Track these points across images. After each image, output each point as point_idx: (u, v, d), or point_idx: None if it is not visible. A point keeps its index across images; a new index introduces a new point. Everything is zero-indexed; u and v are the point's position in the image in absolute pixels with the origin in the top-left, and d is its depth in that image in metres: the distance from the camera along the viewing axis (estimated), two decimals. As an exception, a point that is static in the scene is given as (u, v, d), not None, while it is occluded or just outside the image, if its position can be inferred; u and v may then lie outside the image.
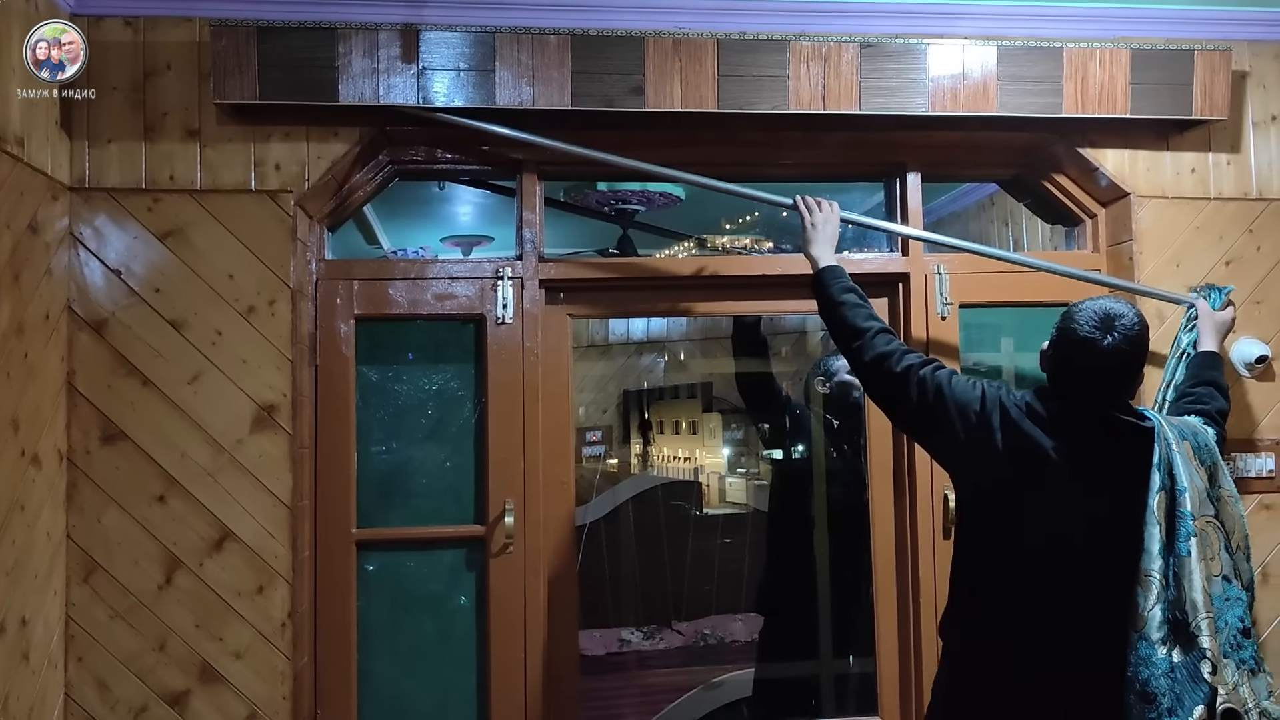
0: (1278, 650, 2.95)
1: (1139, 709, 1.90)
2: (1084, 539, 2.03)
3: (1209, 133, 3.01)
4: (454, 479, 2.91)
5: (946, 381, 2.16)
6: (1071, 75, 2.81)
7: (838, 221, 2.61)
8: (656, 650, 5.50)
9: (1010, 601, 2.08)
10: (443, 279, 2.87)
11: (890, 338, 2.30)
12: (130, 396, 2.60)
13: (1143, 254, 2.96)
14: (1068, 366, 2.06)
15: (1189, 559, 1.94)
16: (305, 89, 2.59)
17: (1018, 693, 2.06)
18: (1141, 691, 1.90)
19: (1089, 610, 2.02)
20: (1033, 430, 2.05)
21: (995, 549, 2.12)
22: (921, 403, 2.17)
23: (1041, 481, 2.04)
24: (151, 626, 2.59)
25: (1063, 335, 2.05)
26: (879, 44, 2.75)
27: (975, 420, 2.10)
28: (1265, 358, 2.92)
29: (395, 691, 2.86)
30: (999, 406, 2.09)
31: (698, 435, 7.71)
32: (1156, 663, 1.89)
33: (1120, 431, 2.02)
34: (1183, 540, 1.95)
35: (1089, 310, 2.03)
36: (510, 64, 2.64)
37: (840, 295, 2.39)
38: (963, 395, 2.14)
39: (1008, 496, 2.08)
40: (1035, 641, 2.05)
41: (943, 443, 2.21)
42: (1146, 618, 1.92)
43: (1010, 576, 2.09)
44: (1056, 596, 2.04)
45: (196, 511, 2.61)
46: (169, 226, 2.64)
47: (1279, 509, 2.97)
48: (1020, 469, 2.06)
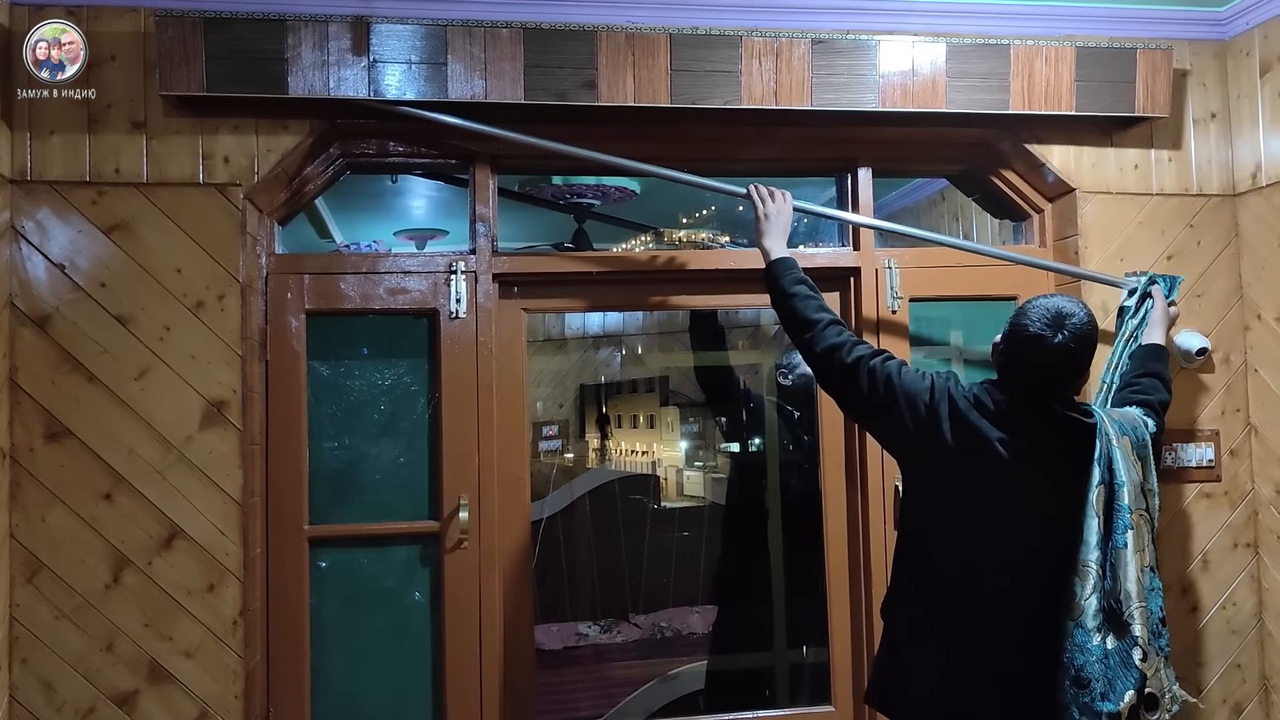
0: (1220, 632, 3.03)
1: (1073, 693, 1.96)
2: (1027, 530, 2.07)
3: (1151, 129, 3.08)
4: (408, 475, 2.89)
5: (896, 372, 2.19)
6: (1018, 72, 2.85)
7: (790, 212, 2.63)
8: (614, 643, 5.51)
9: (954, 591, 2.12)
10: (395, 273, 2.86)
11: (841, 329, 2.33)
12: (75, 393, 2.56)
13: (1088, 248, 3.02)
14: (1017, 361, 2.09)
15: (1125, 550, 2.00)
16: (254, 81, 2.55)
17: (958, 680, 2.10)
18: (1076, 676, 1.96)
19: (1031, 600, 2.06)
20: (979, 422, 2.09)
21: (940, 538, 2.15)
22: (871, 393, 2.20)
23: (986, 473, 2.08)
24: (99, 626, 2.56)
25: (1014, 331, 2.09)
26: (830, 40, 2.78)
27: (924, 410, 2.14)
28: (1205, 350, 3.00)
29: (349, 689, 2.84)
30: (947, 398, 2.13)
31: (655, 429, 7.74)
32: (1091, 649, 1.96)
33: (1064, 426, 2.07)
34: (1120, 532, 2.01)
35: (1041, 308, 2.07)
36: (462, 57, 2.63)
37: (792, 287, 2.41)
38: (912, 386, 2.17)
39: (953, 486, 2.12)
40: (977, 630, 2.09)
41: (892, 432, 2.24)
42: (1083, 606, 1.99)
43: (954, 566, 2.12)
44: (999, 587, 2.08)
45: (145, 509, 2.58)
46: (115, 220, 2.59)
47: (1218, 497, 3.05)
48: (966, 460, 2.09)
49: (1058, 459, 2.07)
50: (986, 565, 2.08)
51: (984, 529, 2.09)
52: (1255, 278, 3.04)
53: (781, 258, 2.50)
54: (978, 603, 2.09)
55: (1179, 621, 3.01)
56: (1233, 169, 3.10)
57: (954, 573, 2.12)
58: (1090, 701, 1.95)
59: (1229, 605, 3.04)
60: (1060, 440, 2.07)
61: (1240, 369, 3.07)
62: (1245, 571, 3.06)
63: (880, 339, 3.00)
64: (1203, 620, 3.03)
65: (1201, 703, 3.01)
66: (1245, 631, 3.05)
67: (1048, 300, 2.09)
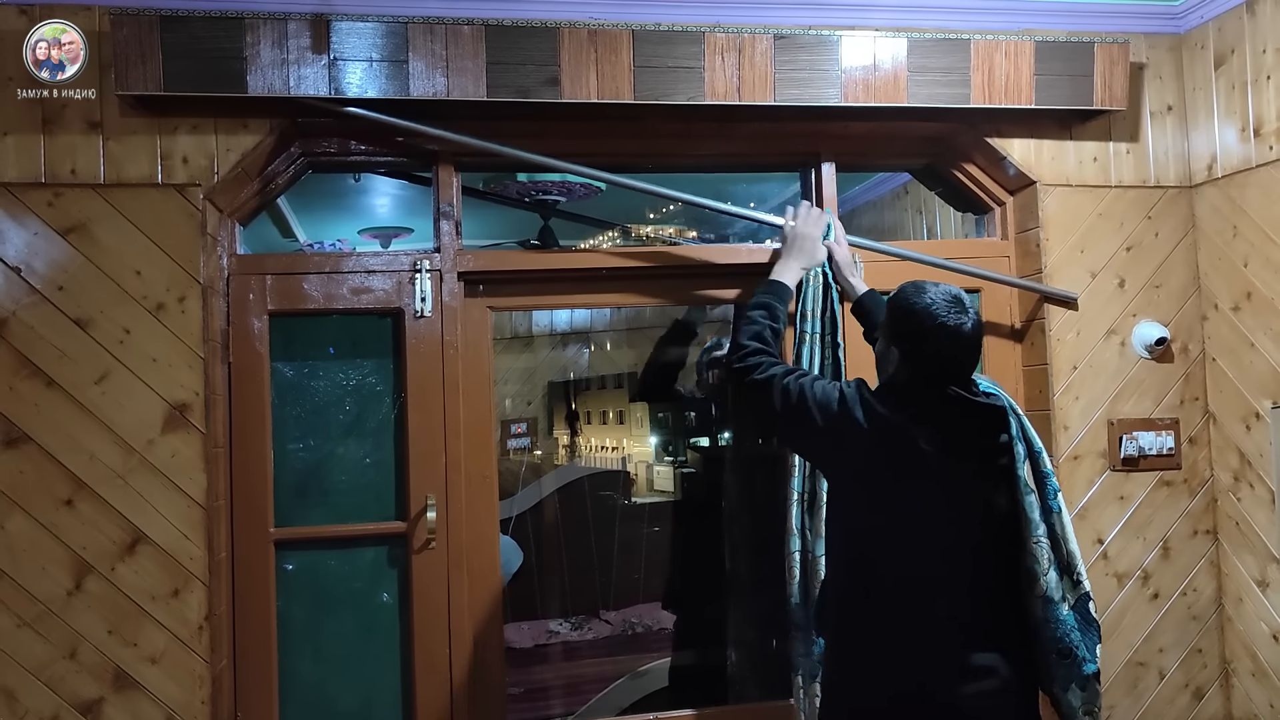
0: (1181, 618, 3.08)
1: (1062, 666, 2.02)
2: (958, 521, 2.07)
3: (1109, 122, 3.11)
4: (374, 475, 2.87)
5: (809, 385, 2.20)
6: (979, 67, 2.88)
7: (816, 242, 2.73)
8: (585, 640, 5.51)
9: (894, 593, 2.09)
10: (359, 272, 2.84)
11: (761, 353, 2.35)
12: (34, 398, 2.52)
13: (1049, 240, 3.06)
14: (933, 353, 2.04)
15: (1061, 513, 2.12)
16: (212, 80, 2.52)
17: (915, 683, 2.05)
18: (1058, 649, 2.02)
19: (974, 590, 2.06)
20: (897, 419, 2.06)
21: (870, 543, 2.12)
22: (785, 406, 2.21)
23: (907, 470, 2.06)
24: (61, 634, 2.52)
25: (923, 323, 2.03)
26: (792, 35, 2.79)
27: (835, 415, 2.12)
28: (1164, 339, 3.04)
29: (318, 691, 2.82)
30: (859, 401, 2.10)
31: (625, 425, 7.73)
32: (1065, 619, 2.05)
33: (975, 411, 2.07)
34: (1052, 497, 2.12)
35: (940, 296, 2.04)
36: (424, 54, 2.61)
37: (749, 310, 2.49)
38: (823, 395, 2.16)
39: (874, 489, 2.11)
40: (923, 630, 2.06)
41: (808, 441, 2.27)
42: (1045, 581, 2.05)
43: (888, 570, 2.09)
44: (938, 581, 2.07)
45: (107, 515, 2.54)
46: (71, 222, 2.55)
47: (1178, 485, 3.10)
48: (885, 460, 2.08)
49: (975, 445, 2.08)
50: (926, 560, 2.07)
51: (914, 527, 2.07)
52: (1211, 268, 3.09)
53: (770, 280, 2.61)
54: (919, 602, 2.06)
55: (1140, 608, 3.06)
56: (1189, 160, 3.15)
57: (897, 572, 2.09)
58: (1077, 670, 2.03)
59: (1189, 591, 3.09)
60: (974, 425, 2.08)
61: (1199, 358, 3.12)
62: (1205, 558, 3.11)
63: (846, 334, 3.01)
64: (1164, 607, 3.08)
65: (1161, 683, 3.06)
66: (1205, 617, 3.10)
67: (938, 287, 2.06)
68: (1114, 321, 3.08)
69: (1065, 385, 3.03)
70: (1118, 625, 3.03)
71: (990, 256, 3.18)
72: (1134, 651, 3.05)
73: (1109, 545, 3.04)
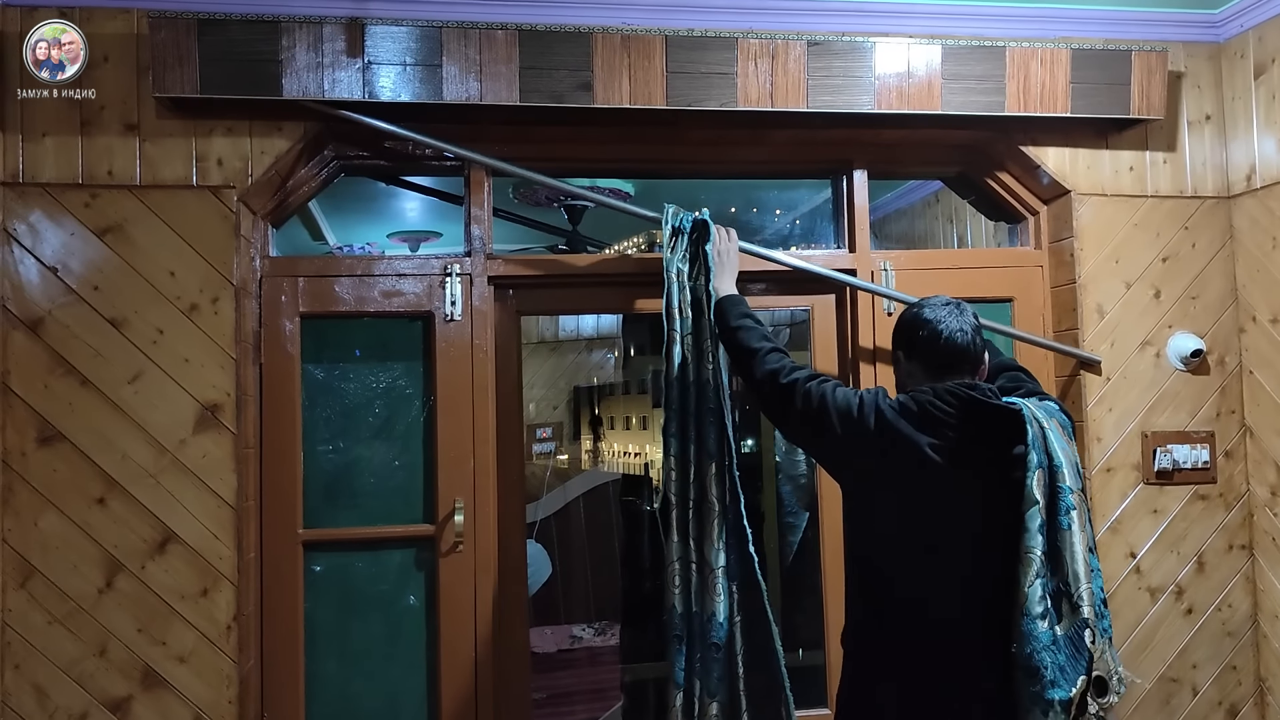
0: (1215, 634, 3.03)
1: (1024, 684, 1.92)
2: (969, 533, 2.04)
3: (1146, 132, 3.08)
4: (403, 478, 2.88)
5: (831, 391, 2.20)
6: (1014, 74, 2.85)
7: (737, 252, 2.68)
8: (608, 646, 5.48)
9: (911, 608, 2.07)
10: (390, 276, 2.84)
11: (781, 356, 2.36)
12: (68, 397, 2.54)
13: (1083, 250, 3.02)
14: (935, 358, 2.11)
15: (1070, 532, 1.97)
16: (248, 83, 2.54)
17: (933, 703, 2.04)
18: (1025, 666, 1.92)
19: (988, 605, 2.02)
20: (906, 429, 2.06)
21: (887, 556, 2.11)
22: (805, 410, 2.21)
23: (921, 478, 2.04)
24: (92, 631, 2.54)
25: (924, 330, 2.12)
26: (826, 42, 2.78)
27: (854, 422, 2.12)
28: (1200, 351, 3.00)
29: (344, 693, 2.83)
30: (875, 409, 2.11)
31: (648, 430, 7.72)
32: (1039, 636, 1.92)
33: (991, 416, 2.04)
34: (1063, 514, 1.98)
35: (937, 304, 2.15)
36: (457, 59, 2.62)
37: (736, 320, 2.47)
38: (843, 401, 2.17)
39: (891, 498, 2.10)
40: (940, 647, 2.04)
41: (826, 446, 2.24)
42: (1027, 594, 1.94)
43: (907, 583, 2.08)
44: (955, 597, 2.04)
45: (138, 513, 2.56)
46: (108, 223, 2.58)
47: (1213, 499, 3.05)
48: (900, 467, 2.07)
49: (989, 452, 2.04)
50: (938, 577, 2.05)
51: (927, 538, 2.05)
52: (1250, 280, 3.04)
53: (729, 295, 2.56)
54: (936, 618, 2.04)
55: (1174, 623, 3.01)
56: (1227, 171, 3.10)
57: (909, 590, 2.08)
58: (1040, 690, 1.90)
59: (1224, 607, 3.04)
60: (989, 432, 2.04)
61: (1235, 371, 3.08)
62: (1240, 573, 3.06)
63: (875, 341, 3.00)
64: (1198, 623, 3.03)
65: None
66: (1240, 634, 3.05)
67: (934, 299, 2.17)
68: (1149, 333, 3.04)
69: (1098, 397, 3.00)
70: (1150, 640, 2.99)
71: (1023, 266, 3.15)
72: (1167, 667, 3.01)
73: (1142, 559, 3.00)
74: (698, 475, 2.56)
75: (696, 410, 2.56)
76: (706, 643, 2.50)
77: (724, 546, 2.52)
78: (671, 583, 2.55)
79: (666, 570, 2.56)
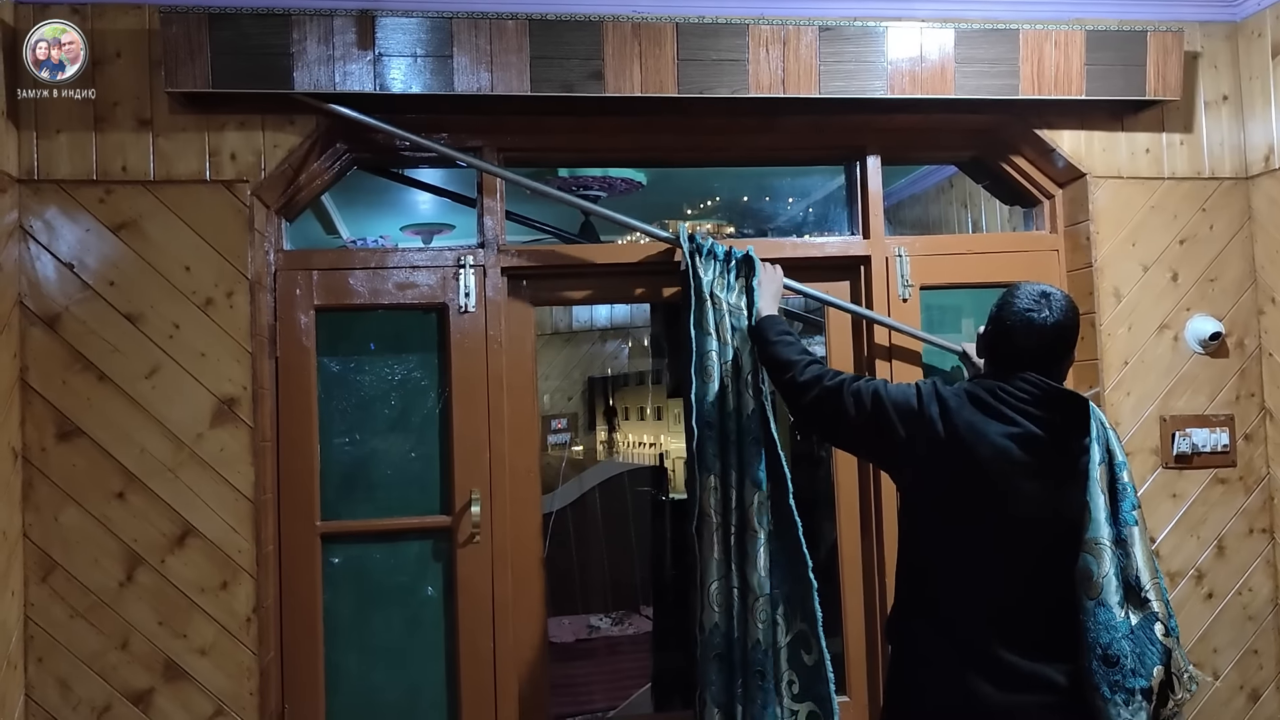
0: (1236, 618, 3.02)
1: (1103, 672, 1.93)
2: (1034, 521, 2.03)
3: (1162, 113, 3.05)
4: (419, 469, 2.89)
5: (882, 388, 2.19)
6: (1028, 57, 2.83)
7: (780, 281, 2.74)
8: (625, 635, 5.51)
9: (966, 600, 2.06)
10: (404, 268, 2.85)
11: (821, 365, 2.37)
12: (86, 392, 2.56)
13: (1099, 233, 3.00)
14: (1009, 344, 2.09)
15: (1135, 528, 2.01)
16: (260, 77, 2.55)
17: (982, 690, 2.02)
18: (1104, 655, 1.94)
19: (1047, 592, 2.02)
20: (974, 416, 2.05)
21: (949, 540, 2.10)
22: (860, 413, 2.19)
23: (988, 466, 2.03)
24: (113, 625, 2.56)
25: (1003, 314, 2.10)
26: (837, 27, 2.76)
27: (915, 415, 2.12)
28: (1219, 334, 2.98)
29: (364, 684, 2.84)
30: (935, 398, 2.11)
31: (663, 421, 7.72)
32: (1117, 625, 1.94)
33: (1059, 406, 2.04)
34: (1129, 510, 2.02)
35: (1026, 290, 2.10)
36: (468, 49, 2.62)
37: (775, 336, 2.49)
38: (899, 396, 2.16)
39: (956, 485, 2.08)
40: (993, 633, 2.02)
41: (887, 448, 2.20)
42: (1102, 584, 1.96)
43: (965, 574, 2.07)
44: (1015, 579, 2.04)
45: (157, 507, 2.58)
46: (122, 218, 2.59)
47: (1233, 483, 3.03)
48: (965, 456, 2.06)
49: (1055, 442, 2.03)
50: (1003, 565, 2.04)
51: (992, 523, 2.05)
52: (1269, 261, 3.01)
53: (767, 315, 2.61)
54: (1001, 606, 2.04)
55: (1194, 607, 3.00)
56: (1245, 152, 3.07)
57: (966, 581, 2.07)
58: (1121, 679, 1.92)
59: (1245, 591, 3.03)
60: (1056, 421, 2.04)
61: (1255, 353, 3.05)
62: (1261, 557, 3.04)
63: (891, 328, 2.98)
64: (1218, 607, 3.01)
65: (1217, 682, 2.99)
66: (1261, 617, 3.04)
67: (1031, 285, 2.12)
68: (1167, 316, 3.01)
69: (1116, 381, 2.98)
70: (1170, 625, 2.98)
71: (1039, 250, 3.13)
72: (1187, 652, 2.98)
73: (1161, 543, 2.98)
74: (739, 501, 2.62)
75: (738, 435, 2.63)
76: (750, 670, 2.57)
77: (767, 572, 2.58)
78: (711, 601, 2.59)
79: (705, 588, 2.59)
